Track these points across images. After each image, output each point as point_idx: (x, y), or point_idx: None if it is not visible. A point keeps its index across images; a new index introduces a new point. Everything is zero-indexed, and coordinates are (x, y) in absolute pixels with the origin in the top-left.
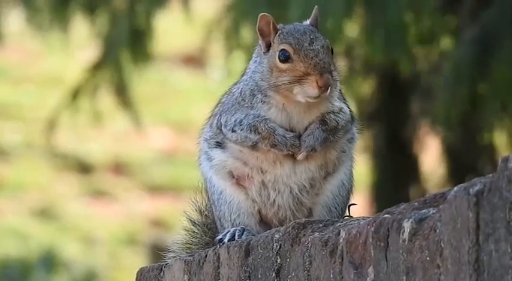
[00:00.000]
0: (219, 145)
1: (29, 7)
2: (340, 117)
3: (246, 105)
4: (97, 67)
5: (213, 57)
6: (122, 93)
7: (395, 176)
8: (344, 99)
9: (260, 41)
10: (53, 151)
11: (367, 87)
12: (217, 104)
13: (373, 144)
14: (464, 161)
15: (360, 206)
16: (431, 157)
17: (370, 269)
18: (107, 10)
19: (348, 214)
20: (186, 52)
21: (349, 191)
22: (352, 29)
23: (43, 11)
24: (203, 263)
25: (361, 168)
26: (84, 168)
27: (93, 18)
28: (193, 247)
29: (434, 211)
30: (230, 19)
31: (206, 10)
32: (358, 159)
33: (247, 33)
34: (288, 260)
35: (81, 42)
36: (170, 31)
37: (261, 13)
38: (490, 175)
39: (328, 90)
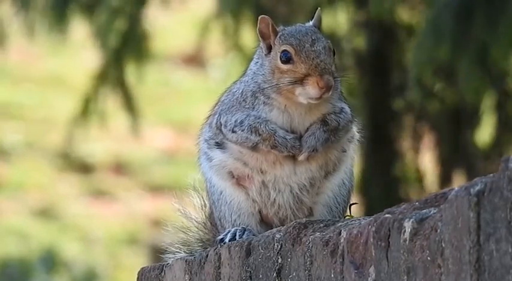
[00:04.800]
0: (219, 145)
1: (27, 8)
2: (341, 118)
3: (247, 106)
4: (100, 70)
5: (212, 57)
6: (124, 96)
7: (380, 169)
8: (344, 99)
9: (261, 43)
10: (54, 151)
11: (352, 81)
12: (217, 102)
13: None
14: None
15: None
16: (417, 150)
17: (371, 269)
18: (106, 10)
19: (348, 213)
20: (186, 52)
21: (349, 190)
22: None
23: (41, 12)
24: (204, 263)
25: None
26: (85, 168)
27: (92, 18)
28: (194, 245)
29: (435, 211)
30: (227, 19)
31: (206, 10)
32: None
33: (245, 34)
34: (289, 260)
35: (81, 42)
36: (170, 31)
37: (260, 15)
38: (491, 174)
39: (330, 92)
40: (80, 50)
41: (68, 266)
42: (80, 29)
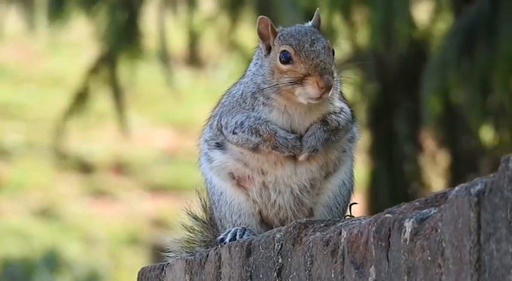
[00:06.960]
0: (219, 146)
1: (26, 5)
2: (341, 118)
3: (247, 107)
4: (96, 68)
5: (213, 58)
6: (117, 97)
7: (395, 176)
8: (344, 99)
9: (260, 44)
10: (55, 151)
11: (370, 88)
12: (217, 104)
13: (373, 144)
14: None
15: (360, 206)
16: (430, 156)
17: (372, 269)
18: (105, 8)
19: (349, 214)
20: (187, 52)
21: (350, 191)
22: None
23: (41, 9)
24: (204, 263)
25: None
26: (85, 168)
27: (91, 16)
28: (195, 245)
29: (435, 211)
30: (227, 20)
31: (207, 10)
32: (358, 159)
33: (244, 35)
34: (290, 260)
35: (83, 41)
36: (171, 31)
37: (259, 16)
38: (491, 174)
39: (330, 92)
40: (81, 50)
41: (69, 266)
42: (80, 28)
